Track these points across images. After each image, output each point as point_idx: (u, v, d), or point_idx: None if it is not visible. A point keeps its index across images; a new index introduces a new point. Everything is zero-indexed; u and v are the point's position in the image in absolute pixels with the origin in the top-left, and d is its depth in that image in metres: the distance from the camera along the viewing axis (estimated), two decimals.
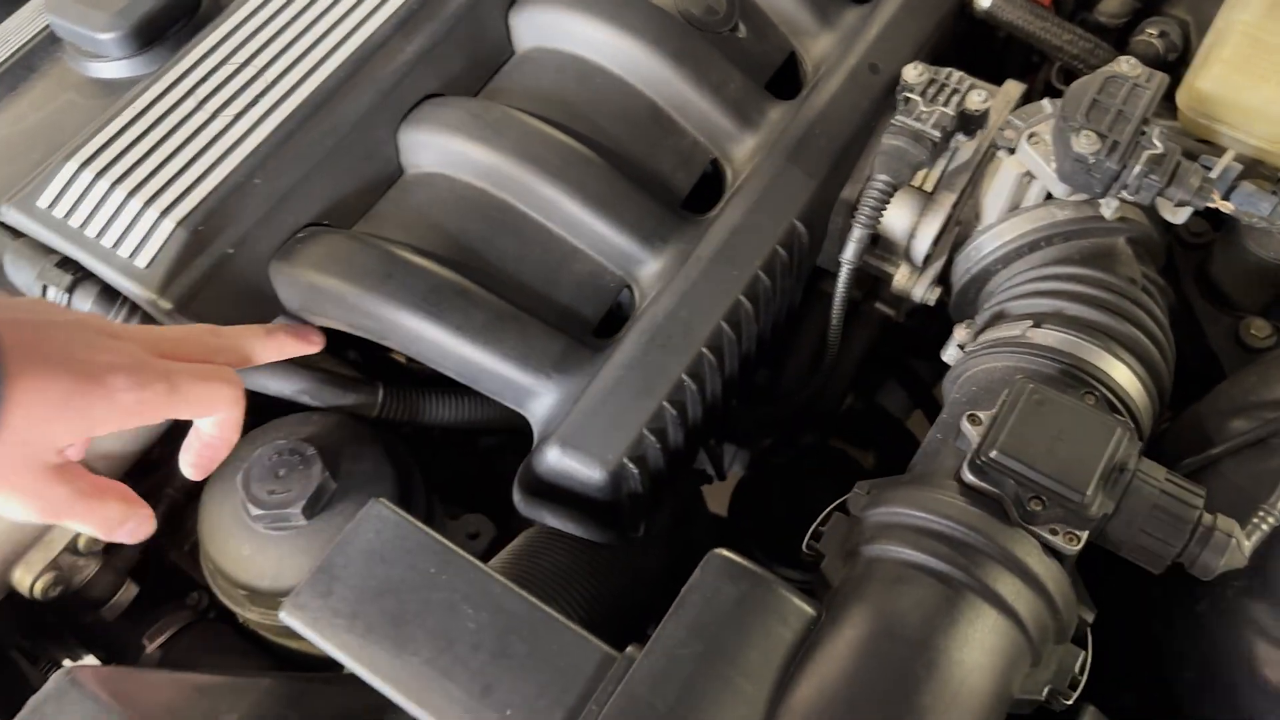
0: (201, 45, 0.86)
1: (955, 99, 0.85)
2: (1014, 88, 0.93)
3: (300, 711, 0.72)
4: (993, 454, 0.67)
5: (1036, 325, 0.78)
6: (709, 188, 0.91)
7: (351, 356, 1.01)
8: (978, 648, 0.63)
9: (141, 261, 0.76)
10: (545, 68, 0.93)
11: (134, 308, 0.80)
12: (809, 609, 0.67)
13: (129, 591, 0.85)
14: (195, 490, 0.86)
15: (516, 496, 0.81)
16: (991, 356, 0.78)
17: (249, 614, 0.84)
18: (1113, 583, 0.74)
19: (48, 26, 0.96)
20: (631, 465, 0.77)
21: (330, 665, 0.87)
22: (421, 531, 0.71)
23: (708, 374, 0.81)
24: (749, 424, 1.10)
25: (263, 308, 0.82)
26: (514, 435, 0.96)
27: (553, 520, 0.80)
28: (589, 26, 0.90)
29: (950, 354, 0.85)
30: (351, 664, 0.67)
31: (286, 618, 0.68)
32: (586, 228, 0.85)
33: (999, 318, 0.82)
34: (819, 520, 0.74)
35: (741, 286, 0.82)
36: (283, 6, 0.88)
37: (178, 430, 0.87)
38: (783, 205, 0.86)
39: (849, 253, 0.86)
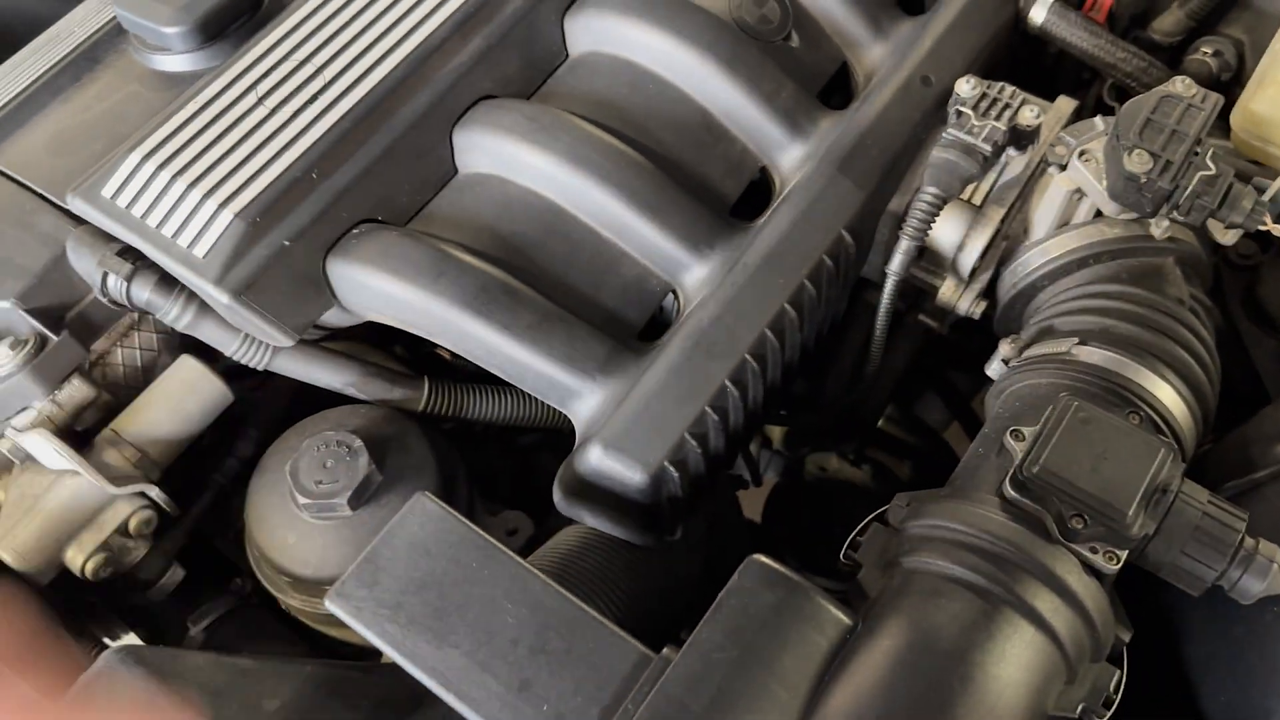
0: (263, 42, 0.88)
1: (1007, 113, 0.85)
2: (1066, 104, 0.92)
3: (340, 698, 0.74)
4: (1035, 470, 0.67)
5: (1082, 343, 0.78)
6: (757, 195, 0.92)
7: (398, 352, 1.02)
8: (1014, 663, 0.64)
9: (200, 251, 0.78)
10: (599, 73, 0.94)
11: (191, 295, 0.82)
12: (845, 618, 0.67)
13: (175, 575, 0.87)
14: (242, 478, 0.88)
15: (557, 495, 0.82)
16: (1036, 373, 0.78)
17: (291, 600, 0.86)
18: (1149, 604, 0.74)
19: (113, 19, 0.98)
20: (672, 468, 0.78)
21: (368, 654, 0.89)
22: (465, 526, 0.72)
23: (750, 381, 0.82)
24: (792, 431, 1.10)
25: (317, 299, 0.84)
26: (553, 434, 0.97)
27: (591, 520, 0.81)
28: (643, 33, 0.91)
29: (994, 369, 0.85)
30: (393, 654, 0.68)
31: (331, 606, 0.69)
32: (634, 232, 0.86)
33: (1045, 334, 0.82)
34: (857, 530, 0.75)
35: (787, 295, 0.83)
36: (343, 6, 0.90)
37: (229, 417, 0.89)
38: (831, 215, 0.86)
39: (896, 264, 0.86)
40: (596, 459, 0.78)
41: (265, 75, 0.86)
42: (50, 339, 0.82)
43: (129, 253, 0.83)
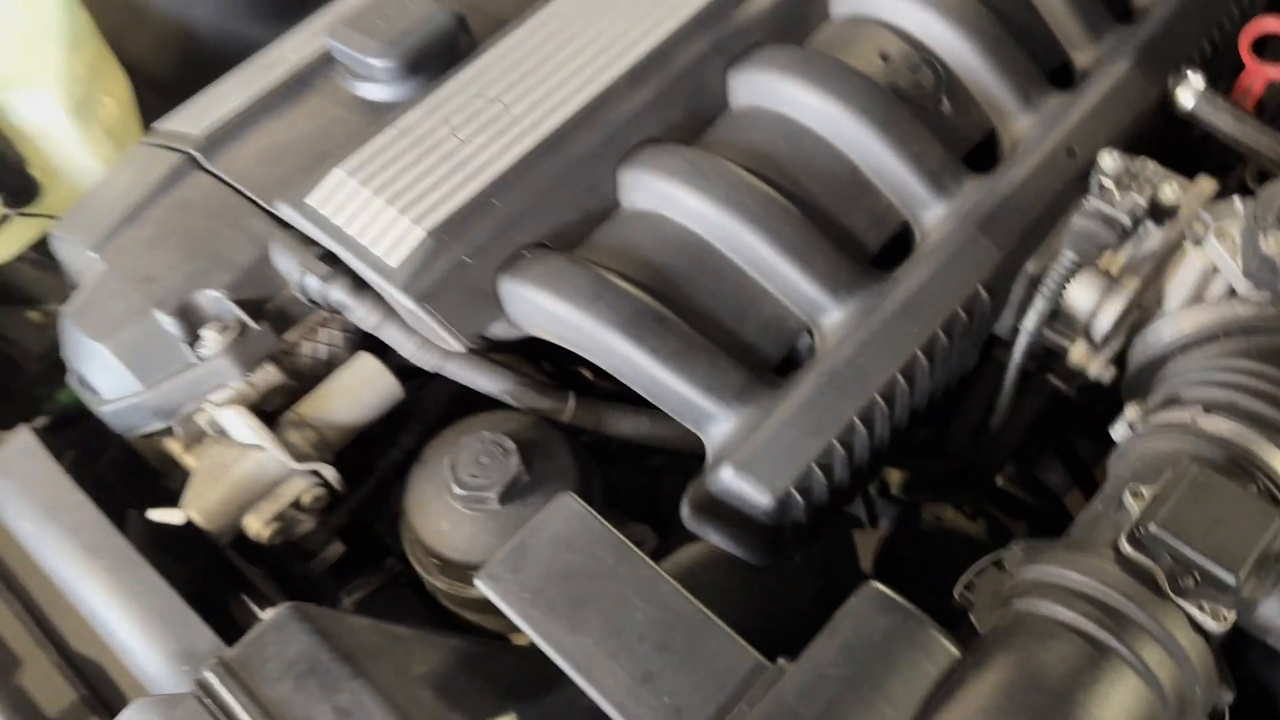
0: (458, 79, 0.98)
1: (1148, 188, 0.88)
2: (1207, 184, 0.95)
3: (479, 672, 0.81)
4: (1152, 528, 0.70)
5: (1207, 412, 0.80)
6: (898, 248, 0.97)
7: (545, 368, 1.10)
8: (1116, 708, 0.67)
9: (393, 261, 0.88)
10: (756, 125, 1.01)
11: (378, 299, 0.92)
12: (954, 650, 0.71)
13: (336, 549, 0.96)
14: (403, 467, 0.97)
15: (685, 511, 0.87)
16: (1160, 438, 0.81)
17: (438, 582, 0.93)
18: (1253, 667, 0.75)
19: (325, 49, 1.09)
20: (798, 495, 0.83)
21: (498, 640, 0.96)
22: (603, 526, 0.78)
23: (878, 420, 0.87)
24: (911, 479, 1.14)
25: (488, 311, 0.92)
26: (680, 457, 1.03)
27: (716, 537, 0.87)
28: (802, 92, 0.98)
29: (1119, 431, 0.88)
30: (532, 634, 0.75)
31: (480, 585, 0.77)
32: (778, 273, 0.93)
33: (1172, 402, 0.85)
34: (972, 569, 0.79)
35: (920, 342, 0.88)
36: (530, 51, 0.99)
37: (395, 412, 0.98)
38: (968, 270, 0.91)
39: (1029, 323, 0.90)
40: (727, 479, 0.84)
41: (458, 109, 0.96)
42: (250, 327, 0.93)
43: (327, 257, 0.93)
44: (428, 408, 1.01)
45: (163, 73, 1.39)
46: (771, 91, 1.00)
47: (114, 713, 0.81)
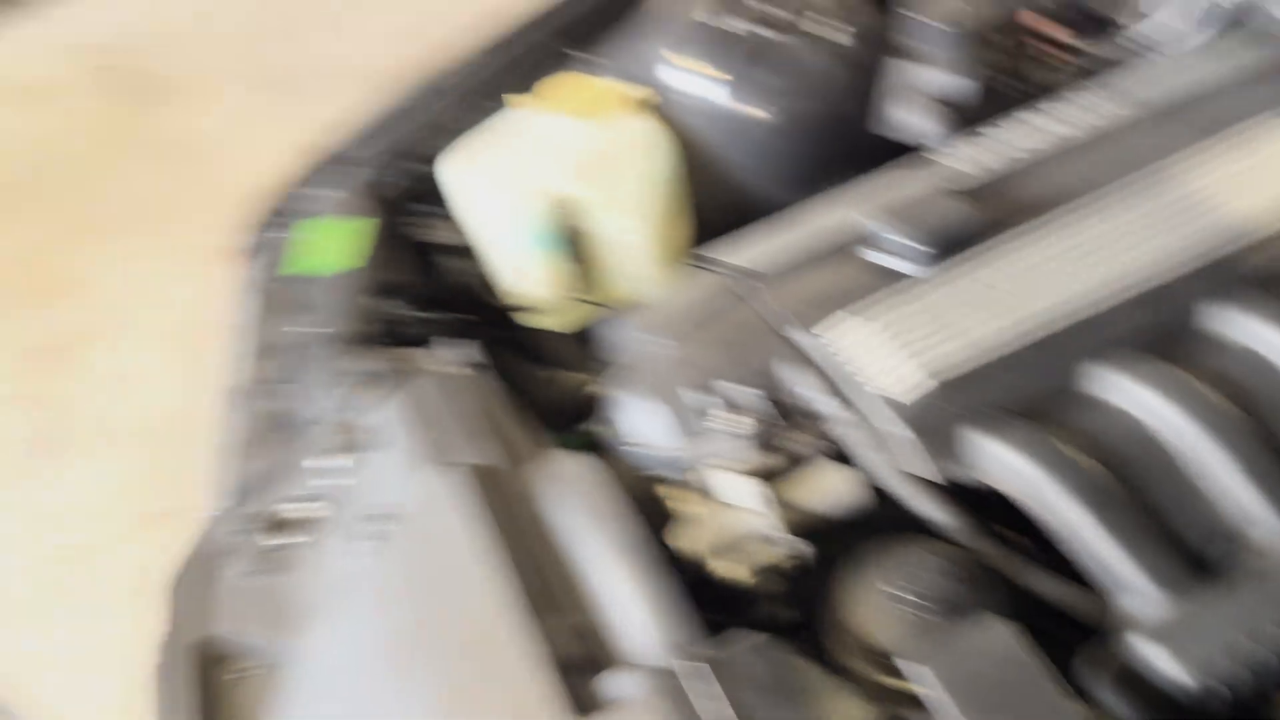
0: (971, 266, 1.22)
1: None
2: None
3: None
4: None
5: None
6: None
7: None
8: None
9: (904, 399, 1.11)
10: (1224, 353, 1.14)
11: (867, 424, 1.14)
12: None
13: (791, 615, 1.15)
14: (833, 559, 1.15)
15: (1087, 674, 0.99)
16: None
17: (852, 663, 1.10)
18: None
19: (853, 221, 1.35)
20: (1218, 685, 0.92)
21: None
22: (1029, 653, 0.93)
23: None
24: None
25: (955, 455, 1.11)
26: (1062, 622, 1.13)
27: (1115, 703, 0.97)
28: None
29: None
30: None
31: (909, 672, 0.94)
32: (1223, 484, 1.04)
33: None
34: None
35: None
36: (1037, 256, 1.21)
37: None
38: None
39: None
40: (1149, 653, 0.95)
41: (966, 291, 1.19)
42: (764, 418, 1.18)
43: (827, 380, 1.17)
44: (875, 517, 1.20)
45: (706, 212, 1.75)
46: (1245, 330, 1.14)
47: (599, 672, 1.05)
